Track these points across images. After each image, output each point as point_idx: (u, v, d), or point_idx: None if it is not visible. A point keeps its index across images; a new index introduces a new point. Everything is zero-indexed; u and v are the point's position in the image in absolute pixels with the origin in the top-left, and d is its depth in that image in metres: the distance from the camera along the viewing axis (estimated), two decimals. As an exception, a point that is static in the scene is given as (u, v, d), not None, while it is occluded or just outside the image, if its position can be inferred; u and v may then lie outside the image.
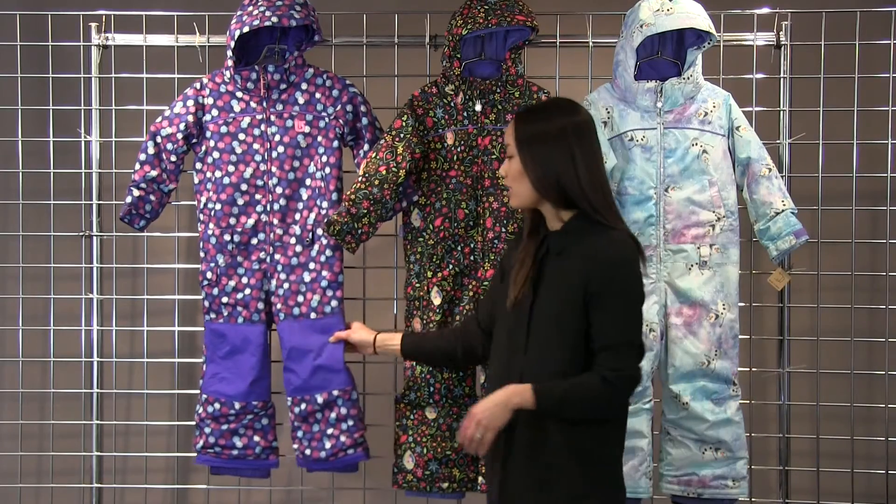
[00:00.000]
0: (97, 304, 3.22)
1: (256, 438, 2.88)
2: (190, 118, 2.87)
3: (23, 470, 3.36)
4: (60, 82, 3.27)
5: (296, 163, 2.82)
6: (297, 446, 2.87)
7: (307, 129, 2.82)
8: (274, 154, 2.83)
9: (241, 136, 2.85)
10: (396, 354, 2.68)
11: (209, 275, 2.87)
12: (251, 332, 2.85)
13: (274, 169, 2.83)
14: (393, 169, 2.73)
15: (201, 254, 2.89)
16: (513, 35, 2.90)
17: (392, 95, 3.12)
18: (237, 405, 2.85)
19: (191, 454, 3.41)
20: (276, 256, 2.84)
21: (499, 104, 2.84)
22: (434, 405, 2.83)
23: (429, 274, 2.83)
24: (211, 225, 2.85)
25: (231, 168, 2.84)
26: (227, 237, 2.84)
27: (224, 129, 2.85)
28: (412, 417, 2.86)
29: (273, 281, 2.84)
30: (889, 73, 3.13)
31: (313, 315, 2.81)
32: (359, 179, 2.74)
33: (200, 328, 3.28)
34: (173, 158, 2.88)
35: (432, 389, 2.82)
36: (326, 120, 2.84)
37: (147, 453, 3.28)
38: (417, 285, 2.85)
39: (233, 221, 2.84)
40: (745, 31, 3.11)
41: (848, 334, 3.17)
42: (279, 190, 2.82)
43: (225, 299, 2.85)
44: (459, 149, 2.83)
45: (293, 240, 2.83)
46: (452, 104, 2.86)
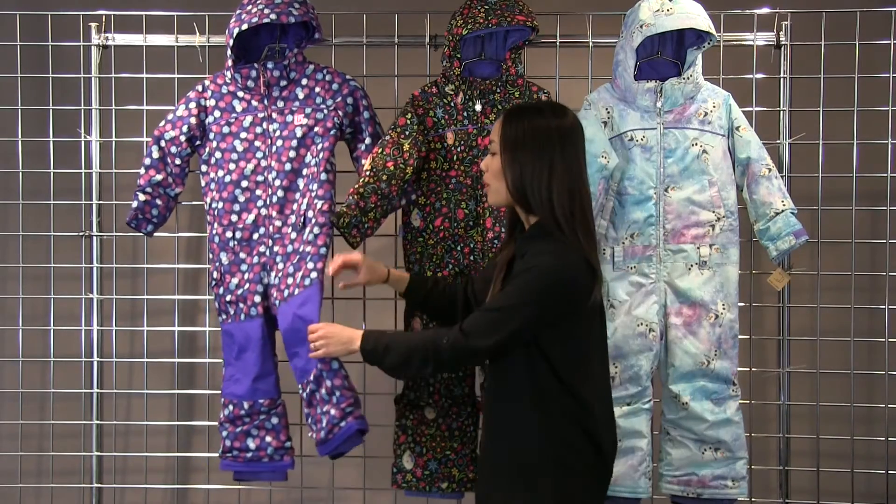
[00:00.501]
0: (97, 304, 3.22)
1: (268, 439, 2.86)
2: (192, 120, 2.87)
3: (23, 470, 3.36)
4: (60, 82, 3.28)
5: (292, 153, 2.81)
6: (312, 435, 2.80)
7: (304, 121, 2.82)
8: (273, 149, 2.83)
9: (243, 135, 2.85)
10: (402, 287, 2.63)
11: (215, 274, 2.86)
12: (250, 328, 2.83)
13: (273, 163, 2.82)
14: (400, 165, 2.73)
15: (209, 255, 2.89)
16: (513, 35, 2.90)
17: (392, 95, 3.12)
18: (246, 405, 2.83)
19: (191, 454, 3.43)
20: (276, 248, 2.83)
21: (499, 104, 2.84)
22: (433, 405, 2.83)
23: (429, 274, 2.83)
24: (215, 224, 2.85)
25: (232, 166, 2.84)
26: (229, 234, 2.84)
27: (226, 130, 2.86)
28: (411, 417, 2.86)
29: (272, 273, 2.83)
30: (889, 73, 3.13)
31: (297, 291, 2.74)
32: (367, 174, 2.72)
33: (201, 328, 3.29)
34: (178, 161, 2.88)
35: (431, 389, 2.82)
36: (325, 111, 2.83)
37: (147, 453, 3.28)
38: (417, 285, 2.85)
39: (234, 219, 2.84)
40: (745, 31, 3.11)
41: (848, 334, 3.17)
42: (278, 182, 2.81)
43: (228, 297, 2.84)
44: (459, 149, 2.83)
45: (290, 229, 2.82)
46: (452, 104, 2.86)
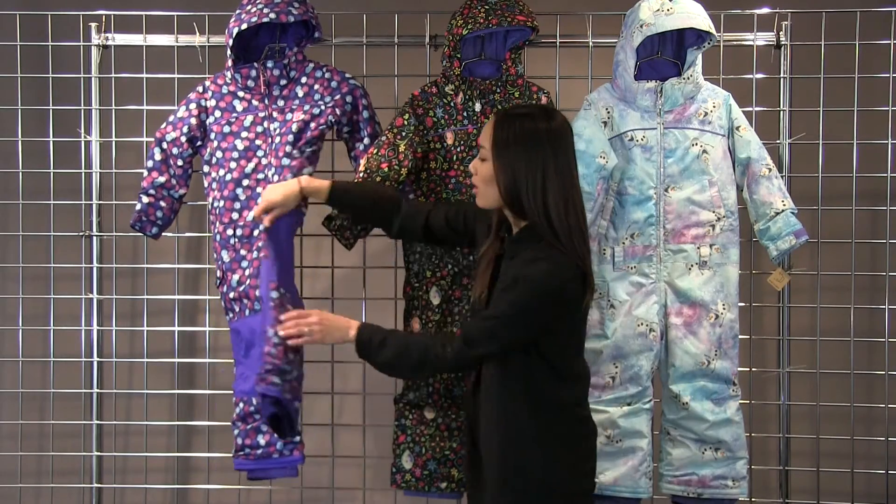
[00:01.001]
0: (97, 304, 3.22)
1: (276, 434, 2.85)
2: (193, 121, 2.87)
3: (23, 470, 3.36)
4: (60, 82, 3.28)
5: (289, 148, 2.80)
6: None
7: (302, 117, 2.82)
8: (273, 146, 2.83)
9: (244, 134, 2.85)
10: (322, 193, 2.52)
11: (218, 273, 2.86)
12: (255, 322, 2.81)
13: (272, 160, 2.83)
14: (395, 167, 2.73)
15: (214, 254, 2.89)
16: (513, 35, 2.90)
17: (392, 95, 3.12)
18: (255, 401, 2.80)
19: (191, 454, 3.43)
20: None
21: (499, 104, 2.84)
22: (433, 405, 2.83)
23: (428, 274, 2.83)
24: (217, 223, 2.86)
25: (233, 165, 2.84)
26: (230, 232, 2.84)
27: (227, 129, 2.86)
28: (411, 417, 2.86)
29: None
30: (889, 73, 3.13)
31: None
32: (360, 174, 2.73)
33: (201, 328, 3.29)
34: (180, 163, 2.88)
35: (431, 389, 2.82)
36: (322, 108, 2.83)
37: (147, 453, 3.28)
38: (416, 285, 2.85)
39: (235, 216, 2.84)
40: (745, 31, 3.11)
41: (848, 334, 3.17)
42: (276, 178, 2.81)
43: (232, 294, 2.84)
44: (459, 149, 2.83)
45: None
46: (452, 104, 2.86)
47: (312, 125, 2.81)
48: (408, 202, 2.58)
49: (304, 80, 2.86)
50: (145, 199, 2.88)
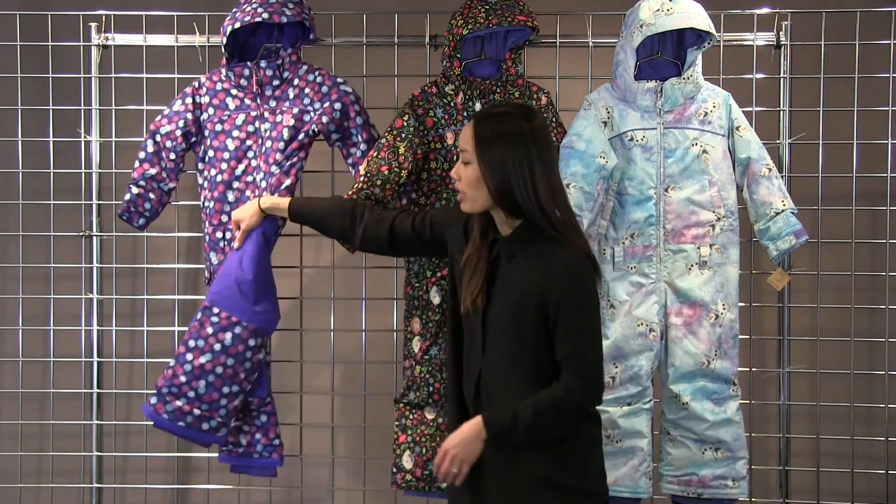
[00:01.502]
0: (97, 304, 3.22)
1: (258, 436, 2.88)
2: (189, 116, 2.87)
3: (23, 470, 3.36)
4: (60, 82, 3.28)
5: (278, 156, 2.81)
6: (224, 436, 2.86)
7: (292, 122, 2.82)
8: (263, 149, 2.84)
9: (236, 133, 2.85)
10: (281, 210, 2.63)
11: (206, 274, 2.88)
12: None
13: (261, 164, 2.83)
14: (395, 169, 2.73)
15: (203, 254, 2.90)
16: (513, 35, 2.90)
17: (392, 95, 3.12)
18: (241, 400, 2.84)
19: (191, 454, 3.43)
20: None
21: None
22: (433, 405, 2.83)
23: (428, 273, 2.83)
24: (206, 224, 2.86)
25: (224, 165, 2.85)
26: (220, 234, 2.85)
27: (219, 127, 2.86)
28: (411, 417, 2.86)
29: None
30: (889, 73, 3.13)
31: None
32: (360, 179, 2.73)
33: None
34: (172, 156, 2.89)
35: (431, 389, 2.82)
36: (311, 114, 2.83)
37: (147, 453, 3.28)
38: (417, 285, 2.85)
39: (224, 219, 2.84)
40: (745, 31, 3.11)
41: (848, 334, 3.17)
42: (264, 184, 2.81)
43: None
44: (459, 149, 2.82)
45: None
46: (452, 104, 2.86)
47: (301, 134, 2.81)
48: (371, 212, 2.54)
49: (297, 82, 2.86)
50: (135, 190, 2.88)
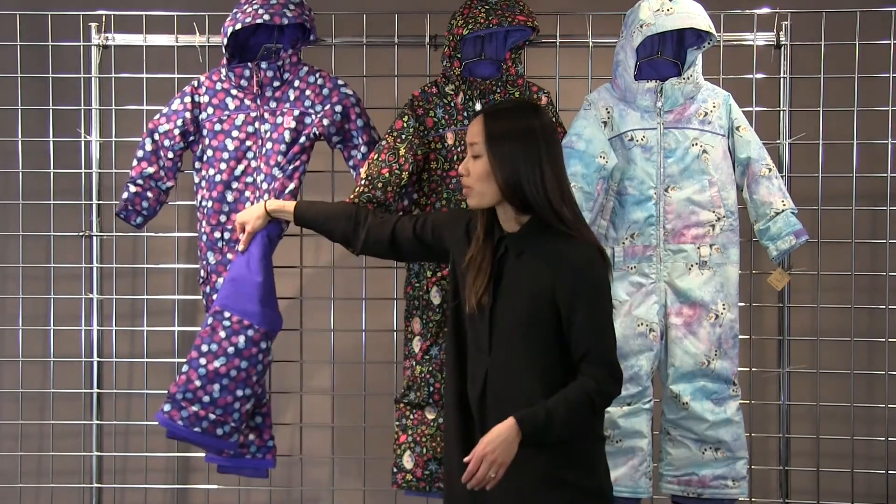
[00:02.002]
0: (97, 304, 3.22)
1: (252, 437, 2.88)
2: (187, 115, 2.87)
3: (23, 470, 3.36)
4: (60, 82, 3.28)
5: (280, 158, 2.81)
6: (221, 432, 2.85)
7: (293, 125, 2.82)
8: (263, 151, 2.84)
9: (235, 133, 2.85)
10: (288, 214, 2.64)
11: (202, 273, 2.88)
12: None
13: (262, 165, 2.83)
14: (396, 171, 2.73)
15: (198, 252, 2.90)
16: (513, 35, 2.90)
17: (392, 95, 3.12)
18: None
19: (191, 454, 3.43)
20: None
21: (499, 104, 2.84)
22: (433, 405, 2.83)
23: (428, 273, 2.83)
24: (203, 223, 2.87)
25: (223, 165, 2.85)
26: (218, 234, 2.85)
27: (218, 127, 2.86)
28: (412, 417, 2.86)
29: None
30: (889, 73, 3.13)
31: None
32: (361, 182, 2.73)
33: (200, 328, 3.28)
34: (170, 155, 2.89)
35: (432, 389, 2.82)
36: (313, 117, 2.83)
37: (147, 453, 3.28)
38: (417, 285, 2.85)
39: (223, 219, 2.85)
40: (745, 31, 3.11)
41: (848, 334, 3.17)
42: (265, 186, 2.82)
43: (216, 297, 2.85)
44: (460, 149, 2.83)
45: None
46: (452, 104, 2.86)
47: (303, 136, 2.81)
48: (374, 216, 2.53)
49: (297, 84, 2.86)
50: (132, 189, 2.88)
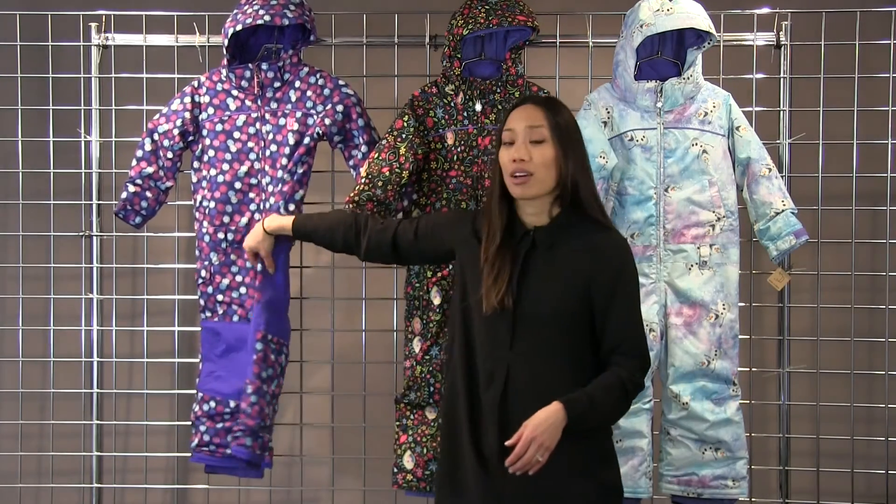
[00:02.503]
0: (97, 304, 3.22)
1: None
2: (186, 115, 2.88)
3: (23, 470, 3.36)
4: (60, 82, 3.28)
5: (284, 160, 2.82)
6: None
7: (296, 127, 2.82)
8: (267, 153, 2.84)
9: (237, 135, 2.86)
10: (286, 231, 2.61)
11: (203, 273, 2.88)
12: (247, 331, 2.84)
13: (267, 167, 2.83)
14: (396, 170, 2.73)
15: (196, 252, 2.90)
16: (513, 35, 2.90)
17: (392, 95, 3.12)
18: (232, 404, 2.84)
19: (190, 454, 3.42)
20: None
21: (499, 104, 2.84)
22: (434, 405, 2.83)
23: (428, 273, 2.83)
24: (205, 223, 2.86)
25: (226, 166, 2.85)
26: (221, 235, 2.85)
27: (219, 127, 2.86)
28: (412, 417, 2.86)
29: None
30: (889, 73, 3.13)
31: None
32: (361, 181, 2.73)
33: (200, 328, 3.29)
34: (170, 155, 2.89)
35: (432, 390, 2.82)
36: (314, 118, 2.84)
37: (147, 453, 3.28)
38: (417, 285, 2.85)
39: (227, 220, 2.85)
40: (745, 31, 3.11)
41: (848, 334, 3.17)
42: (271, 188, 2.82)
43: (220, 297, 2.86)
44: (459, 149, 2.83)
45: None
46: (452, 104, 2.86)
47: (307, 138, 2.82)
48: (373, 221, 2.51)
49: (298, 85, 2.86)
50: (131, 189, 2.89)
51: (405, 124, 2.80)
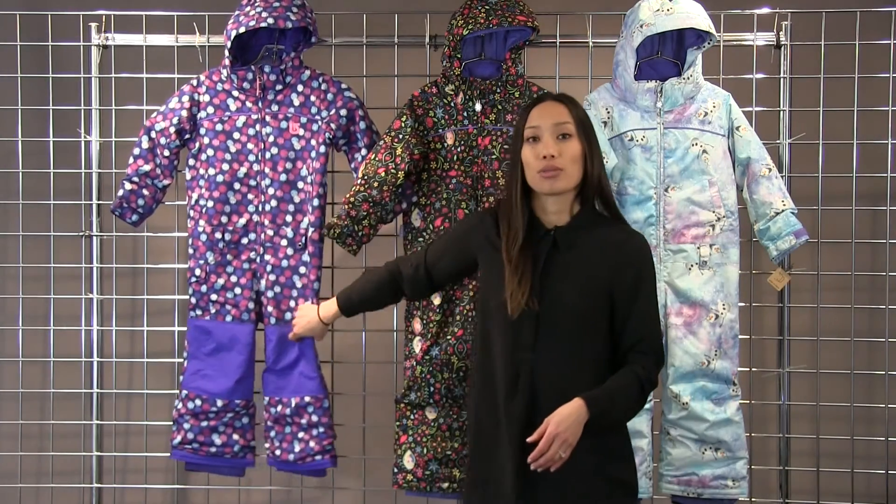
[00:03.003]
0: (97, 304, 3.22)
1: (235, 437, 2.90)
2: (184, 113, 2.88)
3: (23, 470, 3.36)
4: (60, 82, 3.28)
5: (288, 164, 2.83)
6: (269, 446, 2.92)
7: (301, 132, 2.84)
8: (267, 155, 2.84)
9: (236, 135, 2.86)
10: (338, 315, 2.70)
11: (198, 272, 2.88)
12: (240, 331, 2.86)
13: (267, 170, 2.84)
14: (392, 171, 2.74)
15: (190, 250, 2.90)
16: (513, 35, 2.90)
17: (392, 95, 3.12)
18: (219, 403, 2.87)
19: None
20: (267, 257, 2.86)
21: (499, 104, 2.84)
22: (434, 405, 2.83)
23: (429, 274, 2.83)
24: (202, 222, 2.87)
25: (225, 166, 2.85)
26: (218, 235, 2.85)
27: (219, 127, 2.87)
28: (412, 417, 2.86)
29: (262, 281, 2.86)
30: (889, 73, 3.13)
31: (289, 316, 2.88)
32: (358, 182, 2.74)
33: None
34: (167, 153, 2.90)
35: (432, 390, 2.82)
36: (319, 123, 2.85)
37: (147, 453, 3.28)
38: (417, 285, 2.85)
39: (224, 220, 2.85)
40: (745, 31, 3.11)
41: (848, 334, 3.17)
42: (271, 191, 2.83)
43: (214, 297, 2.86)
44: (459, 149, 2.83)
45: (284, 241, 2.85)
46: (452, 104, 2.86)
47: (313, 143, 2.84)
48: (405, 265, 2.54)
49: (301, 89, 2.87)
50: (128, 186, 2.89)
51: (403, 125, 2.81)
